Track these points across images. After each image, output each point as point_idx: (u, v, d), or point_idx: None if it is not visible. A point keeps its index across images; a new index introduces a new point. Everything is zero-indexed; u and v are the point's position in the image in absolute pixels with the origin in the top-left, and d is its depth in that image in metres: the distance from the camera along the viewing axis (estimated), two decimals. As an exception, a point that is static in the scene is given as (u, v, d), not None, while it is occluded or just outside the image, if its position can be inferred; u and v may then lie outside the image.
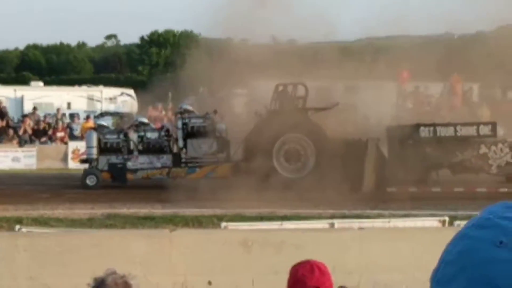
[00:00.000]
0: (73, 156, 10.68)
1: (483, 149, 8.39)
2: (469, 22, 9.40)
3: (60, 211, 7.84)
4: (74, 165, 10.44)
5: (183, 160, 8.59)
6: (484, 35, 9.83)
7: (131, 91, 16.78)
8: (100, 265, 1.85)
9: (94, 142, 8.37)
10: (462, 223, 2.27)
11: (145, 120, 9.35)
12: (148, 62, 28.56)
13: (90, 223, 7.13)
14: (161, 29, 31.17)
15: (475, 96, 11.77)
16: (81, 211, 7.80)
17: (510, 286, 0.33)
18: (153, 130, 9.03)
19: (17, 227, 4.76)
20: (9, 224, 6.51)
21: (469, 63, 8.92)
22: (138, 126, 8.80)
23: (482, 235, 0.35)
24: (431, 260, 0.42)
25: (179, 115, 8.84)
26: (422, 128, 8.50)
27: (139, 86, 18.14)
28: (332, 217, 6.39)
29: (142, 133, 8.63)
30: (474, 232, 0.36)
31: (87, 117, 12.77)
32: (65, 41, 32.37)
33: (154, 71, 26.73)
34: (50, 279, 3.52)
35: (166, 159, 8.43)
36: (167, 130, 9.08)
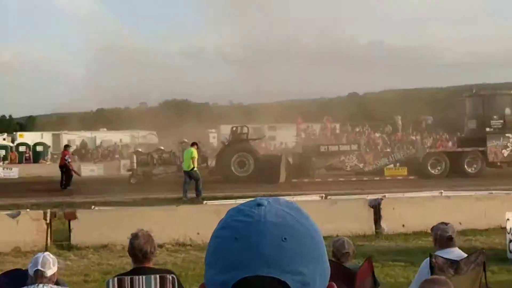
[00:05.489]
0: (123, 167, 32.46)
1: (342, 158, 29.80)
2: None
3: (117, 197, 28.24)
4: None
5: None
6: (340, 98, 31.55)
7: (154, 132, 45.22)
8: (138, 226, 5.71)
9: (134, 160, 29.54)
10: (332, 197, 17.01)
11: (162, 147, 30.99)
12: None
13: (133, 203, 27.41)
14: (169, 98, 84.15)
15: (337, 130, 34.46)
16: (128, 197, 28.38)
17: (244, 266, 1.11)
18: (166, 152, 30.40)
19: (93, 206, 19.24)
20: (89, 205, 26.56)
21: (334, 112, 30.99)
22: (158, 150, 30.37)
23: (224, 234, 1.14)
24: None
25: (180, 144, 30.36)
26: (321, 146, 30.20)
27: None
28: (264, 196, 28.68)
29: (160, 154, 29.88)
30: (220, 232, 1.16)
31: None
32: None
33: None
34: (111, 234, 12.05)
35: (174, 168, 29.51)
36: (174, 152, 30.34)
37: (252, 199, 1.28)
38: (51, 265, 4.70)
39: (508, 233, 10.61)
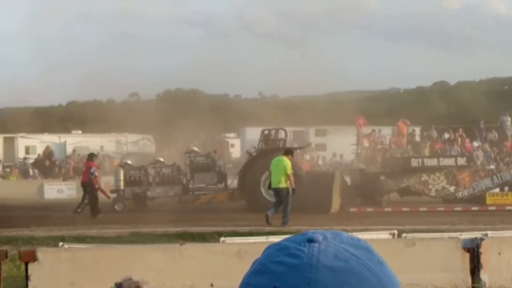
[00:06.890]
0: (104, 188, 32.37)
1: (424, 177, 29.63)
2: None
3: (95, 231, 28.36)
4: (105, 194, 32.85)
5: (190, 190, 30.27)
6: (422, 88, 32.01)
7: (150, 136, 44.01)
8: (125, 273, 4.85)
9: (121, 177, 29.80)
10: (408, 236, 16.02)
11: (161, 159, 31.46)
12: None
13: (117, 240, 27.53)
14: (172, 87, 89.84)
15: (417, 137, 34.98)
16: (111, 231, 28.40)
17: None
18: (167, 166, 30.67)
19: (60, 243, 15.97)
20: (54, 241, 24.93)
21: (412, 111, 31.08)
22: (155, 163, 30.76)
23: (259, 282, 1.21)
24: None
25: (187, 154, 30.91)
26: (413, 159, 30.50)
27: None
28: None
29: (159, 169, 30.13)
30: (253, 279, 1.24)
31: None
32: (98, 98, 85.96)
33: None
34: (86, 285, 12.14)
35: (178, 189, 29.82)
36: (178, 166, 30.73)
37: (300, 233, 1.28)
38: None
39: None
